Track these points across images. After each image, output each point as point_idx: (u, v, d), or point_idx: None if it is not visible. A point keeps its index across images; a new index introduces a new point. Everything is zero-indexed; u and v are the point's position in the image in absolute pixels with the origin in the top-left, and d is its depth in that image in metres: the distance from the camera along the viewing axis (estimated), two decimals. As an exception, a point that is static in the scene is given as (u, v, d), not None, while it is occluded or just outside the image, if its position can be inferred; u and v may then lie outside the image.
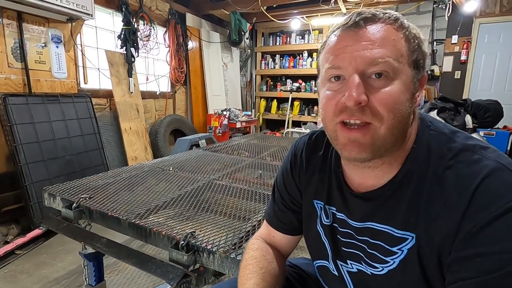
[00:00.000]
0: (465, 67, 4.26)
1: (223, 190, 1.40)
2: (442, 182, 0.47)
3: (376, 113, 0.46)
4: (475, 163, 0.45)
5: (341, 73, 0.48)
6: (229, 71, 5.14)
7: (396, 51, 0.46)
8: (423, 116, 0.55)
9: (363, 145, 0.48)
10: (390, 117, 0.46)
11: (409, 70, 0.48)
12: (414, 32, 0.49)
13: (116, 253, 1.03)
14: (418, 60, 0.49)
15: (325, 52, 0.51)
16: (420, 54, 0.49)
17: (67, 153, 2.49)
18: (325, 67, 0.50)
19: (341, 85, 0.48)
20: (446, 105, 3.03)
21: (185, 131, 4.01)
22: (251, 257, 0.67)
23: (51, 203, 1.29)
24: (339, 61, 0.48)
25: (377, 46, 0.46)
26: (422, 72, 0.50)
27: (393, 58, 0.46)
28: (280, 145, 2.55)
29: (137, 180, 1.49)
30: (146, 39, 3.48)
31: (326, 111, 0.51)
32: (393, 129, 0.47)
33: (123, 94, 3.22)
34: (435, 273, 0.47)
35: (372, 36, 0.46)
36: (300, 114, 5.29)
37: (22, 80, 2.40)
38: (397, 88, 0.46)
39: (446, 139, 0.50)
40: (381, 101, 0.46)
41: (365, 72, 0.46)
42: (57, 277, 1.75)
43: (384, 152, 0.49)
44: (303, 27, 4.93)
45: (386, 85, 0.46)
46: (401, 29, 0.48)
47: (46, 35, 2.55)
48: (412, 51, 0.48)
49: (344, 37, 0.48)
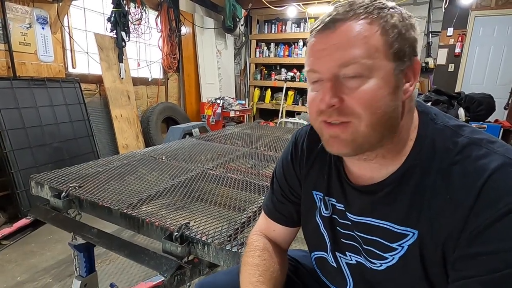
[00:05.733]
0: (459, 60, 4.28)
1: (217, 180, 1.38)
2: (448, 178, 0.45)
3: (353, 113, 0.46)
4: (482, 158, 0.44)
5: (318, 76, 0.48)
6: (223, 58, 5.04)
7: (369, 48, 0.44)
8: (426, 108, 0.53)
9: (343, 141, 0.48)
10: (367, 115, 0.45)
11: (388, 64, 0.45)
12: (393, 21, 0.45)
13: (107, 244, 1.00)
14: (401, 50, 0.45)
15: (306, 53, 0.51)
16: (403, 42, 0.45)
17: (55, 140, 2.41)
18: (306, 70, 0.51)
19: (320, 87, 0.49)
20: (440, 97, 3.05)
21: (177, 119, 3.94)
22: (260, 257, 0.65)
23: (39, 191, 1.25)
24: (315, 64, 0.48)
25: (347, 48, 0.44)
26: (407, 62, 0.46)
27: (365, 56, 0.44)
28: (274, 135, 2.53)
29: (129, 169, 1.45)
30: (137, 23, 3.35)
31: (310, 111, 0.52)
32: (374, 125, 0.46)
33: (113, 80, 3.12)
34: (437, 270, 0.46)
35: (342, 38, 0.45)
36: (294, 104, 5.26)
37: (6, 62, 2.29)
38: (374, 86, 0.45)
39: (451, 133, 0.48)
40: (356, 101, 0.45)
41: (338, 74, 0.46)
42: (46, 266, 1.72)
43: (370, 147, 0.48)
44: (299, 15, 4.83)
45: (361, 84, 0.45)
46: (376, 22, 0.45)
47: (31, 15, 2.42)
48: (390, 42, 0.45)
49: (317, 40, 0.48)
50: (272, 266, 0.64)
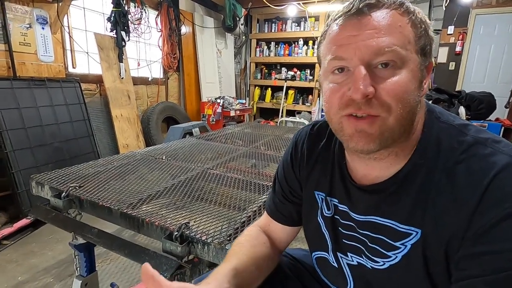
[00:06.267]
0: (459, 59, 4.27)
1: (217, 179, 1.38)
2: (453, 177, 0.45)
3: (383, 104, 0.44)
4: (487, 157, 0.43)
5: (345, 64, 0.46)
6: (223, 58, 5.03)
7: (403, 38, 0.44)
8: (431, 107, 0.53)
9: (371, 136, 0.46)
10: (398, 107, 0.44)
11: (416, 58, 0.45)
12: (420, 16, 0.46)
13: (108, 244, 1.00)
14: (425, 46, 0.46)
15: (327, 42, 0.48)
16: (427, 40, 0.46)
17: (55, 140, 2.41)
18: (328, 58, 0.47)
19: (346, 77, 0.46)
20: (441, 96, 3.04)
21: (178, 119, 3.94)
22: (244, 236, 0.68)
23: (39, 191, 1.25)
24: (342, 51, 0.45)
25: (383, 34, 0.43)
26: (429, 59, 0.48)
27: (400, 45, 0.43)
28: (275, 134, 2.52)
29: (129, 169, 1.45)
30: (137, 23, 3.35)
31: (330, 105, 0.48)
32: (402, 119, 0.45)
33: (113, 80, 3.12)
34: (440, 269, 0.46)
35: (377, 24, 0.43)
36: (295, 103, 5.26)
37: (6, 62, 2.29)
38: (405, 77, 0.44)
39: (456, 132, 0.48)
40: (389, 91, 0.44)
41: (371, 62, 0.44)
42: (46, 266, 1.72)
43: (392, 143, 0.47)
44: (300, 14, 4.82)
45: (394, 74, 0.44)
46: (407, 14, 0.45)
47: (31, 15, 2.42)
48: (419, 36, 0.45)
49: (346, 26, 0.45)
50: (256, 246, 0.65)
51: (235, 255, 0.61)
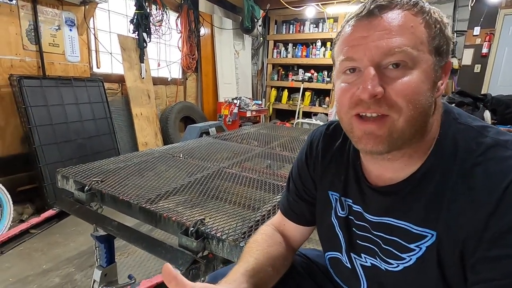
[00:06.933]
0: (486, 61, 4.09)
1: (232, 178, 1.40)
2: (470, 179, 0.44)
3: (393, 105, 0.44)
4: (507, 160, 0.42)
5: (356, 65, 0.47)
6: (241, 59, 5.08)
7: (415, 39, 0.44)
8: (449, 108, 0.52)
9: (379, 138, 0.46)
10: (409, 108, 0.44)
11: (430, 58, 0.45)
12: (435, 16, 0.46)
13: (126, 236, 1.04)
14: (441, 46, 0.46)
15: (340, 43, 0.49)
16: (443, 39, 0.46)
17: (79, 137, 2.52)
18: (340, 59, 0.49)
19: (356, 77, 0.47)
20: (465, 99, 2.93)
21: (195, 119, 4.01)
22: (260, 234, 0.68)
23: (64, 185, 1.31)
24: (353, 52, 0.46)
25: (393, 35, 0.43)
26: (445, 59, 0.47)
27: (411, 46, 0.43)
28: (290, 136, 2.52)
29: (148, 166, 1.50)
30: (158, 24, 3.44)
31: (341, 104, 0.49)
32: (412, 120, 0.45)
33: (134, 79, 3.22)
34: (455, 272, 0.45)
35: (388, 25, 0.44)
36: (311, 105, 5.22)
37: (37, 62, 2.43)
38: (417, 78, 0.44)
39: (475, 134, 0.47)
40: (398, 92, 0.44)
41: (381, 63, 0.44)
42: (69, 256, 1.81)
43: (402, 144, 0.47)
44: (318, 15, 4.79)
45: (404, 75, 0.44)
46: (420, 14, 0.45)
47: (60, 17, 2.55)
48: (433, 37, 0.45)
49: (358, 27, 0.46)
50: (272, 246, 0.65)
51: (252, 254, 0.62)
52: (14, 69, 2.28)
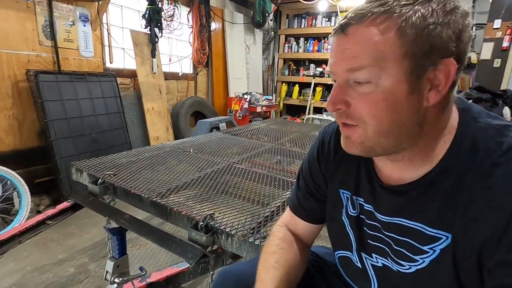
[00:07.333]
0: (506, 55, 3.92)
1: (242, 174, 1.40)
2: (489, 180, 0.42)
3: (359, 118, 0.46)
4: None
5: (334, 77, 0.50)
6: (251, 54, 5.05)
7: (377, 55, 0.42)
8: (467, 106, 0.50)
9: (353, 142, 0.49)
10: (374, 123, 0.45)
11: (400, 70, 0.42)
12: (414, 19, 0.40)
13: (138, 229, 1.06)
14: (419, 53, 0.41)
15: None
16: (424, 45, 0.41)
17: (93, 131, 2.58)
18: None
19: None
20: (483, 95, 2.83)
21: (205, 114, 4.04)
22: (277, 246, 0.67)
23: (78, 177, 1.35)
24: (331, 66, 0.49)
25: (354, 54, 0.44)
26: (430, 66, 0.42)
27: (373, 64, 0.42)
28: (301, 131, 2.50)
29: (159, 160, 1.52)
30: (169, 19, 3.45)
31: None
32: (382, 132, 0.46)
33: (146, 74, 3.25)
34: (471, 276, 0.44)
35: (351, 44, 0.44)
36: (322, 100, 5.15)
37: (52, 58, 2.48)
38: (380, 94, 0.43)
39: (495, 133, 0.45)
40: (360, 108, 0.46)
41: (347, 79, 0.46)
42: (83, 247, 1.86)
43: (384, 151, 0.48)
44: (330, 9, 4.70)
45: (369, 91, 0.44)
46: (390, 22, 0.41)
47: (74, 13, 2.59)
48: (411, 41, 0.41)
49: (333, 43, 0.48)
50: (288, 255, 0.65)
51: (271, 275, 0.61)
52: (30, 64, 2.34)
